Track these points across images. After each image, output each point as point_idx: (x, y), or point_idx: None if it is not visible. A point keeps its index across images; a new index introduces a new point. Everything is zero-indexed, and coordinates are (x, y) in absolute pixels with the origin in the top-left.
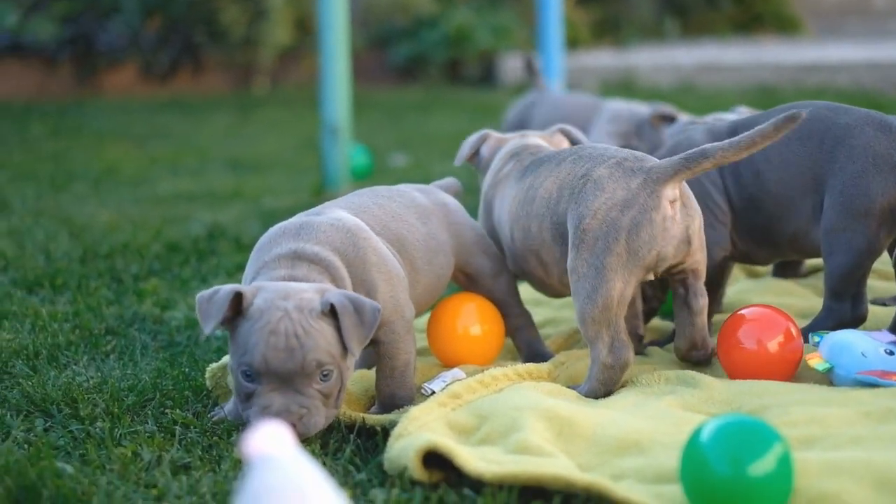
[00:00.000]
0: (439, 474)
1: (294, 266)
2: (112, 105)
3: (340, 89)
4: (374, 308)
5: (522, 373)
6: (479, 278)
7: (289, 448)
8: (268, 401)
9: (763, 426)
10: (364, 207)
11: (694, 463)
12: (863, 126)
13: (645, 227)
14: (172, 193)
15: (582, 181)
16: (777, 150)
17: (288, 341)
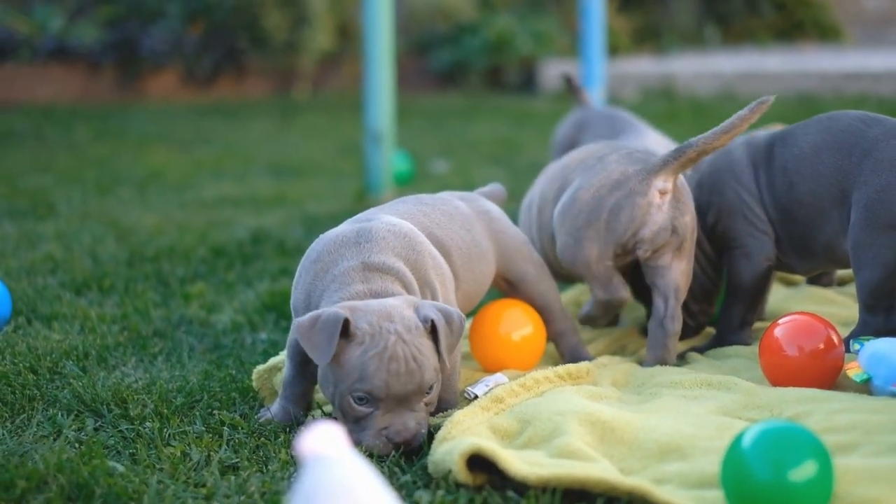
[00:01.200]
0: (483, 477)
1: (368, 279)
2: (155, 110)
3: (384, 95)
4: (460, 316)
5: (563, 374)
6: (521, 284)
7: (342, 448)
8: (384, 422)
9: (804, 432)
10: (409, 214)
11: (735, 468)
12: (890, 139)
13: (626, 210)
14: (216, 198)
15: (597, 159)
16: (809, 161)
17: (408, 366)
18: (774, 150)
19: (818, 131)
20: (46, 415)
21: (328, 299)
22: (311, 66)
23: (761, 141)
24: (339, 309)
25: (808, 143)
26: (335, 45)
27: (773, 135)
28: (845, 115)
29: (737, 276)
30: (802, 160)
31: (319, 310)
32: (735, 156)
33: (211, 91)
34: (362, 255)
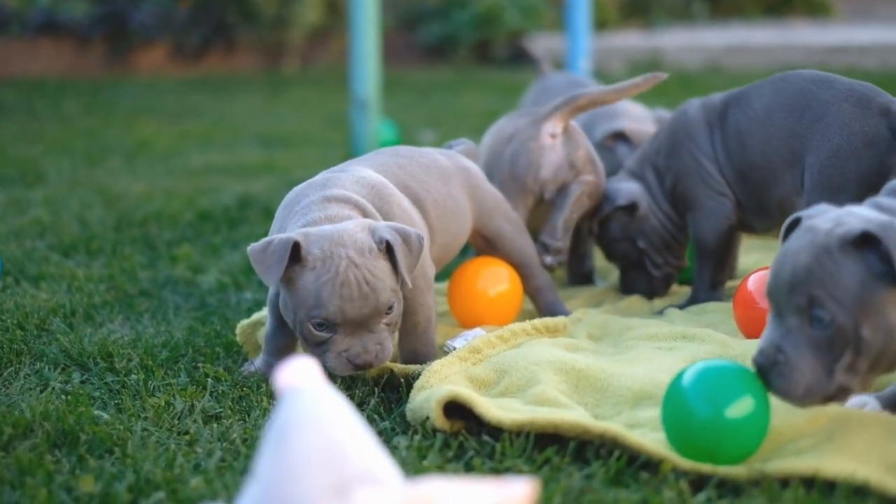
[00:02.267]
0: (460, 423)
1: (326, 208)
2: (144, 83)
3: (369, 63)
4: (418, 235)
5: (540, 327)
6: (498, 241)
7: (316, 381)
8: (344, 345)
9: (741, 370)
10: (385, 165)
11: (674, 406)
12: (840, 102)
13: (522, 155)
14: (204, 166)
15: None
16: (761, 122)
17: (361, 290)
18: (729, 112)
19: (771, 92)
20: (34, 368)
21: (289, 231)
22: (300, 40)
23: (717, 102)
24: (292, 234)
25: (760, 105)
26: (324, 20)
27: (729, 95)
28: (798, 75)
29: (701, 237)
30: (754, 121)
31: (274, 236)
32: (691, 118)
33: (200, 65)
34: (325, 191)
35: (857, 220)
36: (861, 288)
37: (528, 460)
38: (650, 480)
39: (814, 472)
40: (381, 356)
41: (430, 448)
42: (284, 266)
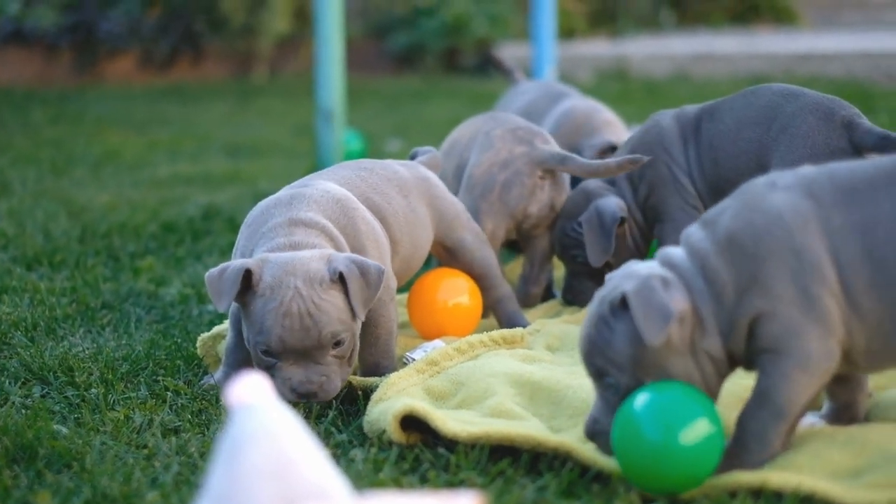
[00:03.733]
0: (416, 436)
1: (291, 233)
2: (112, 92)
3: (335, 74)
4: (379, 269)
5: (497, 339)
6: (459, 252)
7: (268, 397)
8: (288, 374)
9: (695, 394)
10: (347, 179)
11: (626, 430)
12: (806, 115)
13: (516, 187)
14: (170, 177)
15: (484, 135)
16: (731, 136)
17: (302, 322)
18: (702, 126)
19: (741, 106)
20: None
21: (256, 253)
22: (268, 49)
23: (690, 115)
24: (248, 260)
25: (731, 119)
26: (293, 28)
27: (702, 109)
28: (768, 88)
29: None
30: (726, 135)
31: (231, 261)
32: (666, 129)
33: (169, 74)
34: (291, 212)
35: (626, 280)
36: (633, 348)
37: (481, 472)
38: (602, 492)
39: (761, 483)
40: (327, 387)
41: (386, 461)
42: (234, 294)
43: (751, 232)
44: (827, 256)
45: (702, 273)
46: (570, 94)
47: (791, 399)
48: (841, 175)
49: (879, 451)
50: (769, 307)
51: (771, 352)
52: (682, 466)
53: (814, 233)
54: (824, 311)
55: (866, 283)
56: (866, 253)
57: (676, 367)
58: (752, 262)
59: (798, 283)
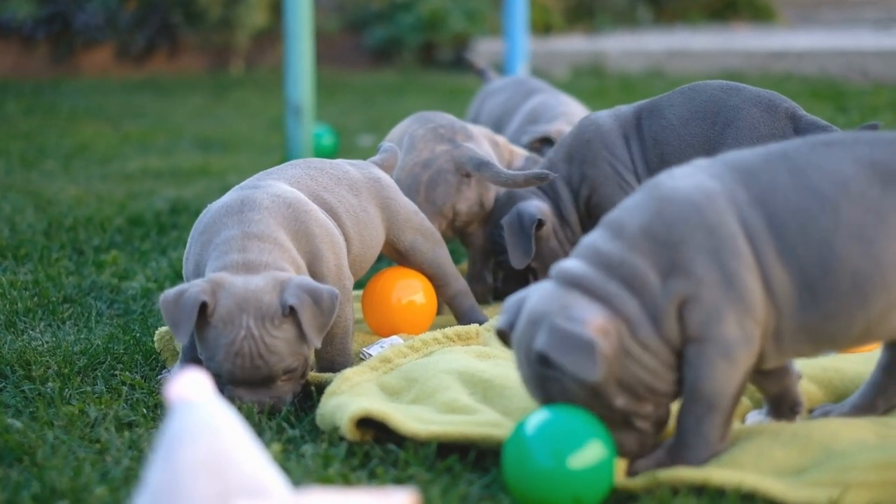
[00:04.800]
0: (370, 433)
1: (246, 248)
2: (88, 85)
3: (304, 69)
4: (332, 294)
5: (452, 336)
6: (411, 253)
7: (206, 394)
8: (239, 394)
9: (586, 419)
10: (297, 178)
11: (516, 454)
12: (749, 107)
13: (441, 185)
14: (140, 170)
15: (409, 137)
16: (677, 132)
17: (253, 361)
18: (643, 123)
19: (683, 102)
20: None
21: (209, 269)
22: (245, 42)
23: (628, 113)
24: (202, 287)
25: (675, 115)
26: (270, 22)
27: (639, 107)
28: (707, 85)
29: None
30: (670, 131)
31: (185, 285)
32: (605, 128)
33: (145, 67)
34: (243, 224)
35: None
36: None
37: (429, 469)
38: None
39: (703, 480)
40: (278, 406)
41: (336, 457)
42: (192, 325)
43: (663, 220)
44: (740, 231)
45: (612, 275)
46: (542, 90)
47: (718, 390)
48: (734, 158)
49: (822, 448)
50: (693, 290)
51: (696, 341)
52: (572, 491)
53: (722, 209)
54: (744, 287)
55: (774, 254)
56: (769, 223)
57: (630, 372)
58: (670, 249)
59: (717, 261)
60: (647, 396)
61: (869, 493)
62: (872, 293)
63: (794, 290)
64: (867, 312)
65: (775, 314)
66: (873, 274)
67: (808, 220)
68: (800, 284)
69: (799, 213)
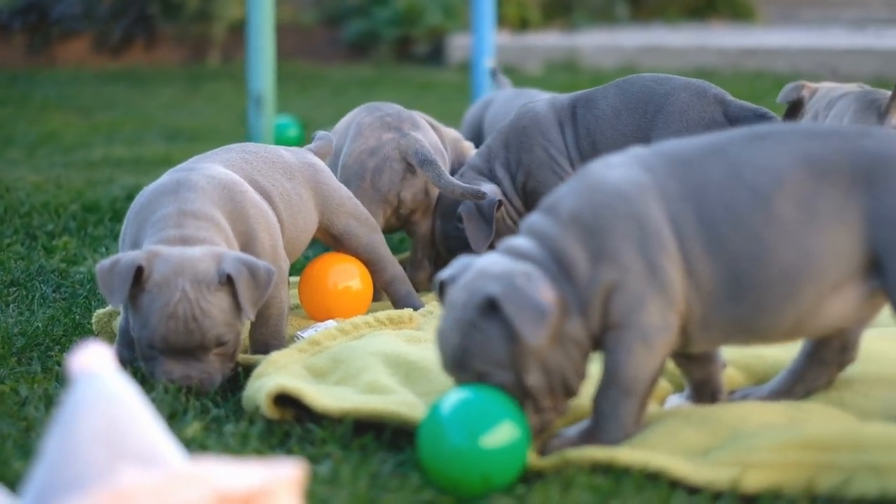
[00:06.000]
0: (291, 412)
1: (182, 224)
2: (64, 75)
3: (265, 59)
4: (268, 270)
5: (384, 320)
6: (345, 238)
7: (108, 366)
8: (169, 368)
9: (501, 398)
10: (231, 161)
11: (431, 433)
12: (679, 92)
13: (386, 172)
14: (103, 159)
15: (357, 125)
16: (610, 122)
17: (187, 325)
18: (577, 113)
19: (615, 94)
20: None
21: (146, 245)
22: (222, 34)
23: (564, 103)
24: (138, 255)
25: (607, 106)
26: None
27: (576, 97)
28: (639, 77)
29: None
30: (603, 121)
31: (122, 254)
32: (541, 115)
33: (122, 58)
34: (179, 202)
35: (486, 281)
36: (509, 344)
37: (344, 446)
38: None
39: (609, 459)
40: (207, 383)
41: (255, 435)
42: (126, 290)
43: (593, 208)
44: (666, 224)
45: (552, 256)
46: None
47: (635, 375)
48: (671, 149)
49: (731, 430)
50: (618, 278)
51: (616, 328)
52: (484, 470)
53: (652, 201)
54: (667, 279)
55: (701, 248)
56: (699, 218)
57: (555, 356)
58: (599, 236)
59: (642, 252)
60: (558, 388)
61: (770, 473)
62: (802, 287)
63: (723, 282)
64: (797, 306)
65: (701, 304)
66: (803, 268)
67: (740, 214)
68: (729, 277)
69: (731, 208)
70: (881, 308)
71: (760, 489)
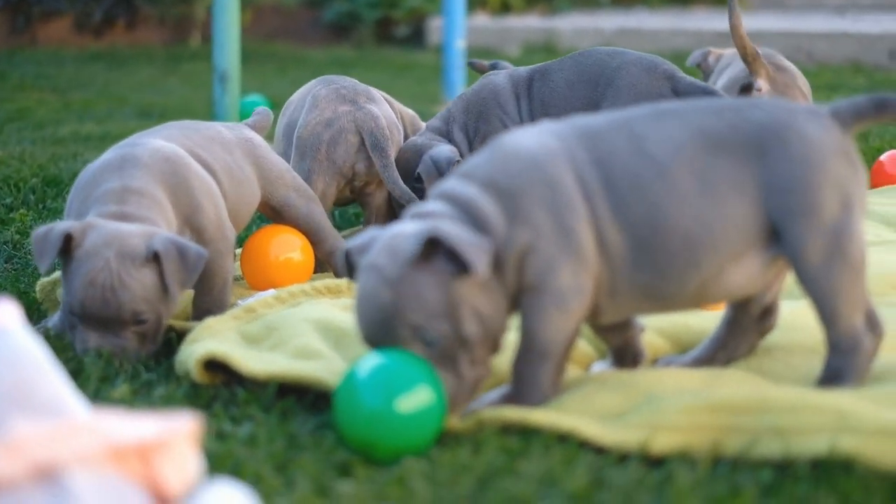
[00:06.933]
0: (221, 376)
1: (124, 201)
2: (44, 56)
3: (230, 36)
4: (199, 252)
5: (321, 288)
6: (285, 210)
7: (15, 322)
8: (86, 336)
9: (417, 362)
10: (173, 137)
11: (347, 396)
12: (629, 67)
13: (341, 144)
14: (71, 135)
15: (312, 97)
16: (563, 95)
17: (104, 294)
18: (534, 85)
19: (570, 67)
20: None
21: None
22: (203, 14)
23: (523, 75)
24: (74, 224)
25: (562, 79)
26: None
27: (533, 70)
28: (595, 50)
29: None
30: (557, 93)
31: (58, 222)
32: (500, 87)
33: (104, 38)
34: (123, 179)
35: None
36: (445, 294)
37: (266, 409)
38: None
39: (522, 421)
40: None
41: (181, 397)
42: (54, 256)
43: (507, 173)
44: (577, 189)
45: (468, 216)
46: None
47: (552, 339)
48: (580, 122)
49: (645, 393)
50: (532, 240)
51: (532, 290)
52: (399, 433)
53: (563, 167)
54: (580, 243)
55: (608, 215)
56: (605, 185)
57: (486, 304)
58: (514, 199)
59: (554, 216)
60: (490, 338)
61: (679, 435)
62: (703, 254)
63: (628, 249)
64: (699, 272)
65: (609, 271)
66: (703, 236)
67: (642, 183)
68: (633, 244)
69: (633, 177)
70: (785, 274)
71: (668, 451)
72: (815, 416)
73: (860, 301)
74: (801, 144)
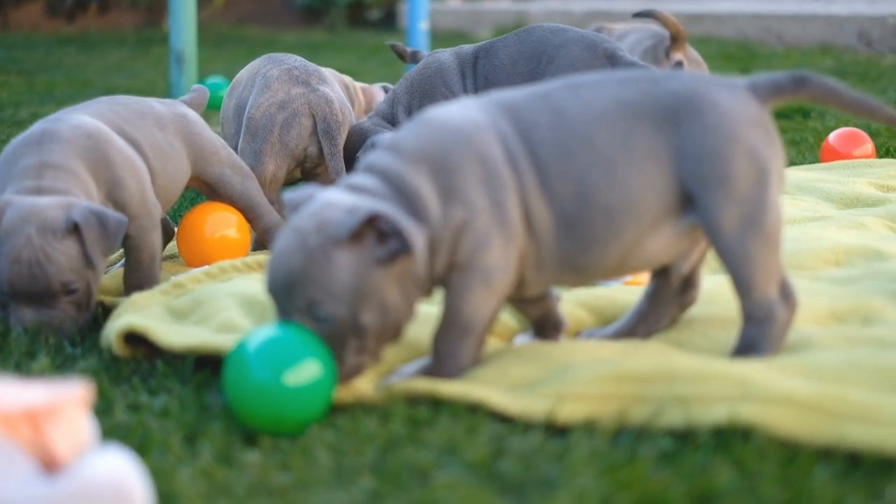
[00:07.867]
0: (143, 349)
1: (41, 176)
2: (14, 40)
3: (187, 18)
4: (119, 219)
5: (252, 263)
6: (219, 186)
7: None
8: (21, 313)
9: (306, 336)
10: (100, 112)
11: (235, 369)
12: (571, 45)
13: (294, 127)
14: (30, 117)
15: (263, 77)
16: (507, 72)
17: (31, 270)
18: (478, 62)
19: (514, 43)
20: None
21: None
22: None
23: (468, 52)
24: None
25: (506, 55)
26: None
27: (479, 47)
28: (539, 27)
29: None
30: (500, 70)
31: None
32: (445, 64)
33: (76, 23)
34: (42, 154)
35: (339, 213)
36: (356, 279)
37: (183, 382)
38: None
39: (430, 391)
40: (59, 330)
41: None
42: None
43: (438, 147)
44: (505, 163)
45: (400, 194)
46: None
47: (475, 315)
48: (500, 96)
49: (558, 364)
50: (468, 217)
51: (460, 268)
52: (288, 407)
53: (491, 141)
54: (509, 218)
55: (534, 185)
56: (530, 157)
57: (393, 295)
58: (447, 175)
59: (488, 191)
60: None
61: (587, 405)
62: (623, 224)
63: (553, 221)
64: (621, 244)
65: (535, 245)
66: (624, 206)
67: (565, 155)
68: (558, 216)
69: (557, 149)
70: (706, 246)
71: (575, 420)
72: (719, 385)
73: (775, 272)
74: (714, 114)
